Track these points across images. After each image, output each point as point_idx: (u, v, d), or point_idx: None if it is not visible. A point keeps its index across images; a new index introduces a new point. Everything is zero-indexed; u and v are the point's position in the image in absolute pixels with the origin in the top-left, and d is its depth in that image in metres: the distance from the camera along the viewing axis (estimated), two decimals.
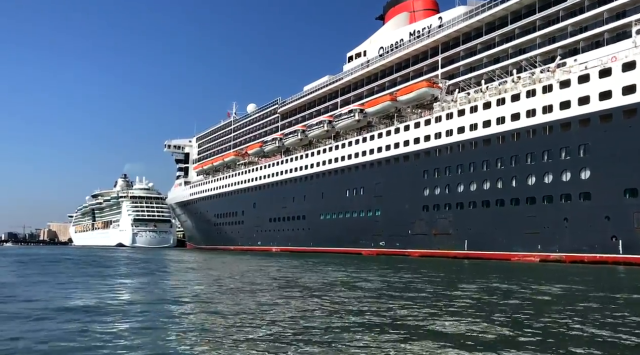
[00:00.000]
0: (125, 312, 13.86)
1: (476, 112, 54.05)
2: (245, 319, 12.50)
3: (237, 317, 12.92)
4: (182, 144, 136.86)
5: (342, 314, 13.32)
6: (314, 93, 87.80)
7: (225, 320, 12.47)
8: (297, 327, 11.44)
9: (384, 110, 67.92)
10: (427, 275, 29.17)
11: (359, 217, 69.36)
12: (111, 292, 19.93)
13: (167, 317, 13.05)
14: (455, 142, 55.98)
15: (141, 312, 14.02)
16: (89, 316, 12.94)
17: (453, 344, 9.55)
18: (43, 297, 17.36)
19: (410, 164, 61.62)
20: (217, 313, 13.68)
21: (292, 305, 15.13)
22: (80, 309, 14.40)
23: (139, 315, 13.32)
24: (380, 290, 20.42)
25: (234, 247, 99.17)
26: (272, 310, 14.06)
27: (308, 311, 13.89)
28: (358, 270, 33.66)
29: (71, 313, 13.48)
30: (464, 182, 54.54)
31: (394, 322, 12.21)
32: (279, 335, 10.39)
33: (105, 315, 13.33)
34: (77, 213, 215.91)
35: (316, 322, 12.08)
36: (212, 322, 12.23)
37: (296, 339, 10.08)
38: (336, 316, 13.02)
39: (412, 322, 12.20)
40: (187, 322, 12.28)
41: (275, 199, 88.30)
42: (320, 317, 12.90)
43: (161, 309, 14.57)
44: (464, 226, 53.83)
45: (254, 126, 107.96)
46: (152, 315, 13.28)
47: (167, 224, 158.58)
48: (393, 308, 14.66)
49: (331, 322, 12.09)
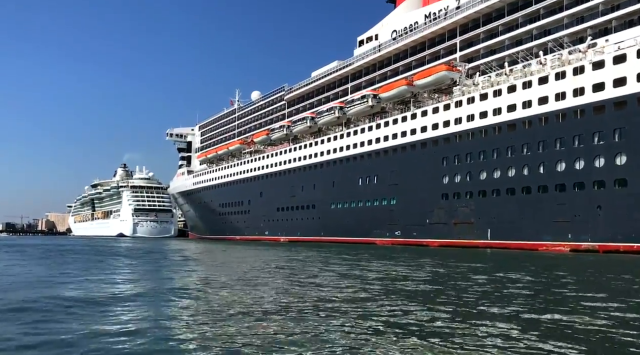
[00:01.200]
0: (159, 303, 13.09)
1: (500, 96, 51.81)
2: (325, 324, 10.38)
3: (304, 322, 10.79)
4: (184, 133, 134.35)
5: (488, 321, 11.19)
6: (323, 79, 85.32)
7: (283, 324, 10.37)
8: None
9: (399, 95, 65.58)
10: (503, 268, 27.12)
11: (373, 206, 67.26)
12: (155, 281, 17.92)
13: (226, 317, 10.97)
14: (477, 128, 53.78)
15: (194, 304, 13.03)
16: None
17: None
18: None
19: (428, 151, 59.44)
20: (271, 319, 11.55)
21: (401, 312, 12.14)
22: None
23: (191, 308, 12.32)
24: (494, 291, 18.30)
25: (240, 237, 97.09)
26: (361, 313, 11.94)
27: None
28: (409, 263, 31.61)
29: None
30: (486, 169, 52.41)
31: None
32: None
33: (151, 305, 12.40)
34: (76, 203, 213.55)
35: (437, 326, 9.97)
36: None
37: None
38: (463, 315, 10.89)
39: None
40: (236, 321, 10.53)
41: (284, 188, 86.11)
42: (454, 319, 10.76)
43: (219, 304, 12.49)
44: (486, 215, 51.78)
45: (259, 114, 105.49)
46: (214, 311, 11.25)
47: (168, 213, 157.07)
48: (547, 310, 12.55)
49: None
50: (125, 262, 32.71)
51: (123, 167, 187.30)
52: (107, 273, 23.10)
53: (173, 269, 26.51)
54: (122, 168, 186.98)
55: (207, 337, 8.87)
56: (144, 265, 29.91)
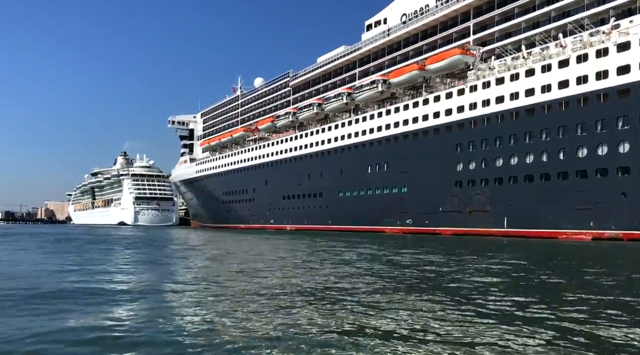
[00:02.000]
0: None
1: (517, 80, 50.25)
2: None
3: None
4: (186, 120, 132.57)
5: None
6: (330, 64, 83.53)
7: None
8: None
9: (410, 80, 63.95)
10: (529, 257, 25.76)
11: (383, 194, 65.89)
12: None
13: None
14: (493, 113, 52.29)
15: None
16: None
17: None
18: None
19: (441, 137, 57.95)
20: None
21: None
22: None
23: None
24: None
25: (245, 226, 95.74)
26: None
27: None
28: (442, 252, 30.25)
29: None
30: (503, 156, 50.99)
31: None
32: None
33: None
34: (76, 191, 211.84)
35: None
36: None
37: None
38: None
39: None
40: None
41: (289, 176, 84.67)
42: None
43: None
44: (503, 202, 50.44)
45: (263, 101, 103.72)
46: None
47: (170, 202, 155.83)
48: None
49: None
50: (142, 251, 31.35)
51: (123, 155, 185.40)
52: (132, 264, 21.79)
53: (202, 258, 25.16)
54: (122, 156, 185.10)
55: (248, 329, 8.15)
56: (167, 256, 28.54)
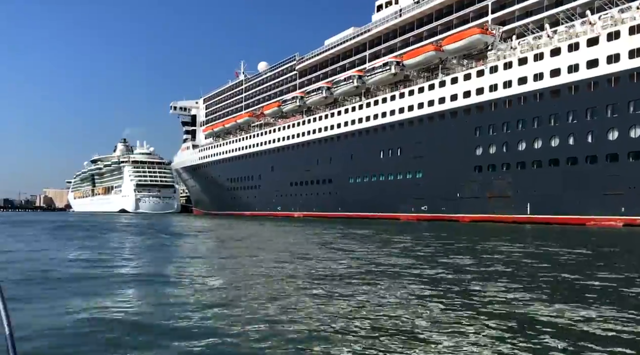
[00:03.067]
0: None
1: (542, 60, 48.11)
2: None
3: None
4: (188, 106, 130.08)
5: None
6: (338, 47, 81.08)
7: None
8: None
9: (426, 62, 61.70)
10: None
11: (396, 179, 63.93)
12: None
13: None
14: (515, 95, 50.19)
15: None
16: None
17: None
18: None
19: (458, 121, 55.89)
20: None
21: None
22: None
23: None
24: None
25: (250, 213, 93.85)
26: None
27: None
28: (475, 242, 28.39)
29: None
30: (526, 139, 48.99)
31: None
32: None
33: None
34: (76, 179, 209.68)
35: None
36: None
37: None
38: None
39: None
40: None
41: (297, 162, 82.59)
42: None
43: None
44: (526, 188, 48.52)
45: (268, 85, 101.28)
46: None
47: (171, 189, 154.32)
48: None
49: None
50: (161, 241, 29.55)
51: (123, 142, 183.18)
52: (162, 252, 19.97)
53: (225, 246, 23.31)
54: (122, 143, 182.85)
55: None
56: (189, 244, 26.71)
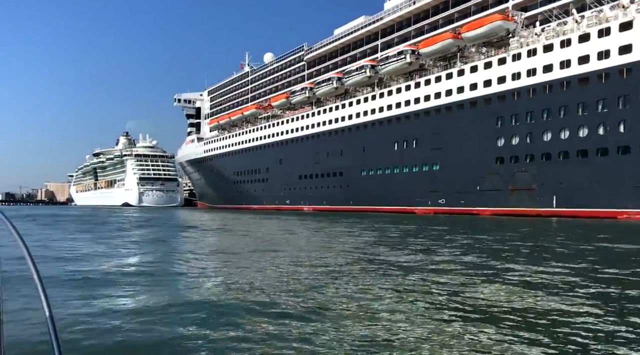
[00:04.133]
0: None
1: (569, 47, 46.02)
2: None
3: None
4: (193, 98, 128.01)
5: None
6: (349, 36, 78.90)
7: None
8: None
9: (443, 50, 59.58)
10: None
11: (411, 172, 61.95)
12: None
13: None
14: (540, 83, 48.13)
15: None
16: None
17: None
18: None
19: (478, 111, 53.85)
20: None
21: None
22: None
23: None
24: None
25: (258, 207, 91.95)
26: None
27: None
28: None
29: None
30: (551, 129, 46.96)
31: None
32: None
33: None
34: (78, 172, 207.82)
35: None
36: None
37: None
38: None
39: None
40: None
41: (306, 155, 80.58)
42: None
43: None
44: (551, 180, 46.54)
45: (275, 76, 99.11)
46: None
47: (174, 182, 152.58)
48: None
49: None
50: (190, 235, 27.67)
51: (125, 135, 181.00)
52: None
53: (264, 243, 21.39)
54: (124, 136, 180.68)
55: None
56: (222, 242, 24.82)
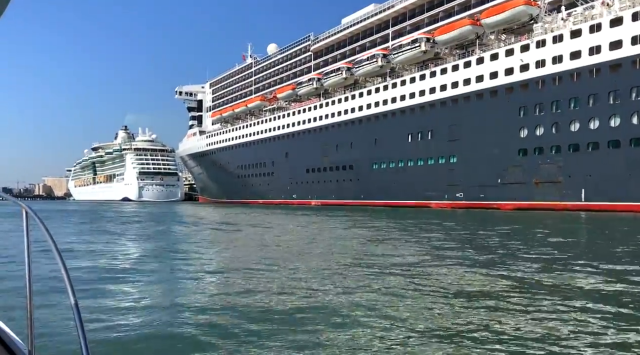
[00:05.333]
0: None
1: (599, 32, 43.73)
2: None
3: None
4: (194, 91, 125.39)
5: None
6: (358, 25, 76.42)
7: None
8: None
9: (461, 37, 57.25)
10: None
11: (427, 165, 59.71)
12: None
13: None
14: (567, 71, 45.84)
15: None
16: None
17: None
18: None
19: (499, 100, 51.58)
20: None
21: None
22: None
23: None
24: None
25: (263, 201, 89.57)
26: None
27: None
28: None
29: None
30: (580, 119, 44.74)
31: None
32: None
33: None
34: (76, 167, 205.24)
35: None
36: None
37: None
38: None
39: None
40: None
41: (314, 148, 78.20)
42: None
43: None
44: (580, 172, 44.35)
45: (280, 68, 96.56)
46: None
47: (174, 177, 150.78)
48: None
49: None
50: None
51: (124, 129, 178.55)
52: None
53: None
54: (123, 130, 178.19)
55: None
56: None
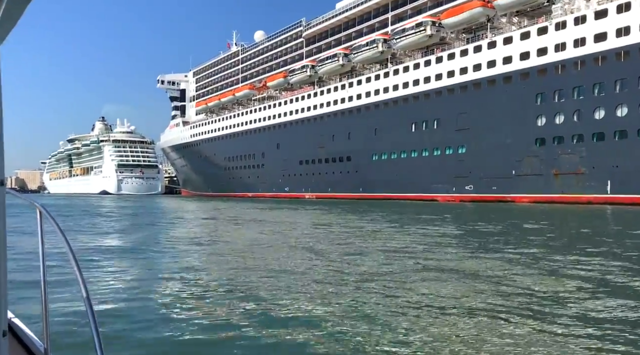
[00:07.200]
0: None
1: (628, 12, 40.82)
2: None
3: None
4: (177, 80, 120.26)
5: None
6: (354, 9, 72.63)
7: None
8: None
9: (470, 20, 54.01)
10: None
11: (432, 156, 56.49)
12: None
13: None
14: (591, 54, 42.90)
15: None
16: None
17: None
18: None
19: (513, 87, 48.50)
20: None
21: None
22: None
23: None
24: None
25: (253, 194, 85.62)
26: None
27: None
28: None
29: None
30: (605, 106, 41.87)
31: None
32: None
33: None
34: (51, 159, 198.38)
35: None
36: None
37: None
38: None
39: None
40: None
41: (308, 138, 74.43)
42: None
43: None
44: (605, 163, 41.52)
45: (269, 55, 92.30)
46: None
47: (155, 169, 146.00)
48: None
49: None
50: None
51: (102, 120, 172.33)
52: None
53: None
54: (100, 121, 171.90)
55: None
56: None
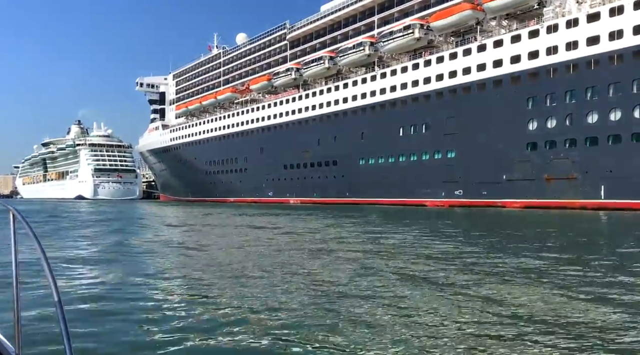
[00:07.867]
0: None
1: (620, 15, 40.44)
2: None
3: None
4: (156, 82, 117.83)
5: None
6: (340, 12, 71.63)
7: None
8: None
9: (460, 23, 53.34)
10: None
11: (421, 160, 55.61)
12: None
13: None
14: (584, 58, 42.43)
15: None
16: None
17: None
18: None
19: (504, 91, 47.87)
20: None
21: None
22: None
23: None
24: None
25: (235, 199, 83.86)
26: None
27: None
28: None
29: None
30: (598, 110, 41.37)
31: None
32: None
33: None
34: (25, 164, 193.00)
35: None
36: None
37: None
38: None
39: None
40: None
41: (292, 142, 73.04)
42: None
43: None
44: (598, 168, 40.99)
45: (252, 58, 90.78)
46: None
47: (132, 174, 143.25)
48: None
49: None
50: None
51: (78, 124, 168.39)
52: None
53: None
54: (76, 125, 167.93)
55: None
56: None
